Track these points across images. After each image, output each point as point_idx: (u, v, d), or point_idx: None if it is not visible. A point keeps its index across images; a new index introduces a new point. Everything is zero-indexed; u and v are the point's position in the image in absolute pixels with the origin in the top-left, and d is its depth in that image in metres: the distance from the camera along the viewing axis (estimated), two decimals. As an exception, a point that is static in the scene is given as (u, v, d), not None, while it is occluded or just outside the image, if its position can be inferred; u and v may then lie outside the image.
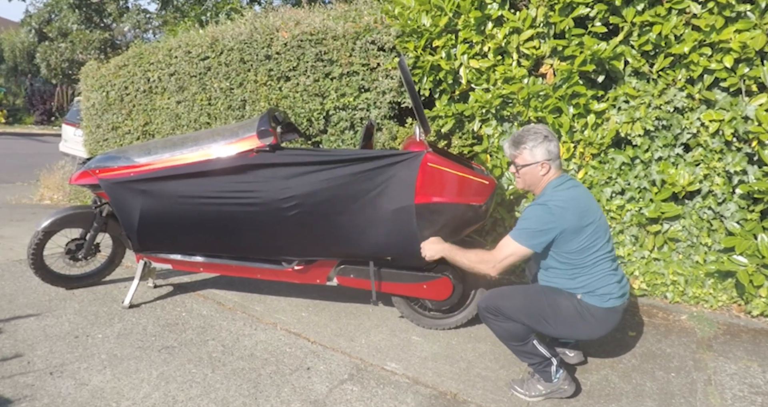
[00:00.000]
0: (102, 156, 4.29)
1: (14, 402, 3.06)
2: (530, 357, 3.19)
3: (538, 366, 3.20)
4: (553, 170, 3.19)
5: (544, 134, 3.15)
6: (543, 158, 3.14)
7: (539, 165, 3.15)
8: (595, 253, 3.07)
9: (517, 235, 3.08)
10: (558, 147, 3.19)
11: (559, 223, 3.00)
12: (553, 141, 3.16)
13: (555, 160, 3.18)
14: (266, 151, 3.76)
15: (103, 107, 8.58)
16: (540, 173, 3.18)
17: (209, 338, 3.92)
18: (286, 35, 5.77)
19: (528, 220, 3.08)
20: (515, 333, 3.16)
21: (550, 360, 3.18)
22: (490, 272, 3.18)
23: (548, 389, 3.21)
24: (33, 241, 4.41)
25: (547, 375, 3.20)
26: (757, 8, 3.94)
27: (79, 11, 20.37)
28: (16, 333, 3.87)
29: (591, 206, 3.11)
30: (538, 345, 3.18)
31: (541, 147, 3.14)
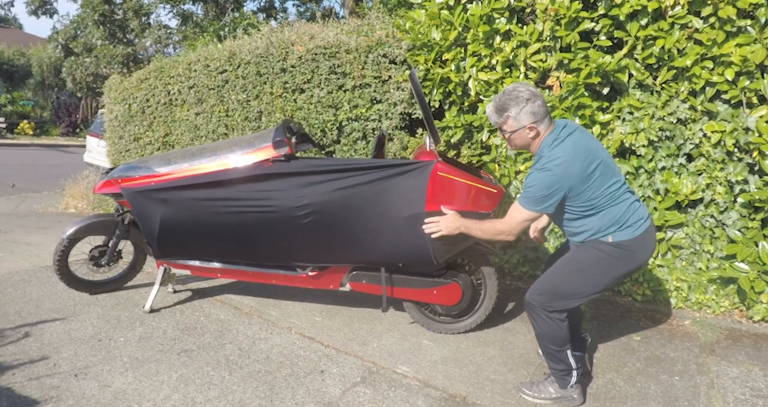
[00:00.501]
0: (124, 166, 4.31)
1: (41, 402, 3.08)
2: (558, 362, 3.14)
3: (559, 373, 3.16)
4: (543, 129, 3.01)
5: (526, 96, 2.95)
6: (529, 122, 2.97)
7: (526, 129, 2.98)
8: (611, 188, 2.95)
9: (525, 202, 2.96)
10: (543, 105, 2.98)
11: (565, 182, 2.86)
12: (536, 100, 2.96)
13: (542, 120, 2.98)
14: (281, 160, 3.77)
15: (125, 119, 8.63)
16: (529, 136, 3.01)
17: (226, 342, 3.92)
18: (301, 49, 5.79)
19: (533, 187, 2.92)
20: (557, 337, 3.09)
21: (574, 371, 3.15)
22: (508, 239, 3.11)
23: (559, 393, 3.19)
24: (58, 248, 4.44)
25: (564, 383, 3.17)
26: (757, 23, 3.94)
27: (104, 27, 20.52)
28: (43, 337, 3.90)
29: (591, 147, 2.96)
30: (570, 355, 3.14)
31: (524, 111, 2.95)
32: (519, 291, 4.97)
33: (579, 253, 3.09)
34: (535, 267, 5.06)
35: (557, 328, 3.07)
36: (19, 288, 4.84)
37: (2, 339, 3.84)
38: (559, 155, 2.89)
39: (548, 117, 3.02)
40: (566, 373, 3.16)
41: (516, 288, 5.04)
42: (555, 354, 3.13)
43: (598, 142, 3.10)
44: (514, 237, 3.09)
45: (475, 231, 3.24)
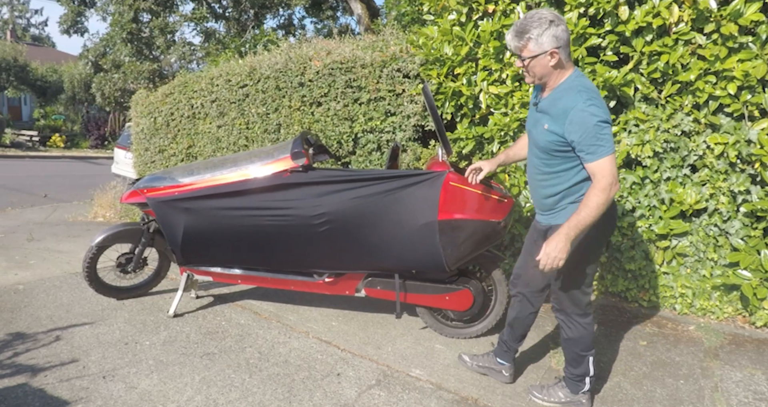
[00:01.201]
0: (149, 176, 4.34)
1: (71, 403, 3.10)
2: (579, 366, 3.09)
3: (575, 377, 3.11)
4: (565, 59, 2.71)
5: (550, 18, 2.63)
6: (551, 46, 2.63)
7: (548, 54, 2.66)
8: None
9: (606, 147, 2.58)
10: (567, 31, 2.67)
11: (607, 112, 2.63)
12: (560, 25, 2.63)
13: (565, 48, 2.67)
14: (299, 171, 3.79)
15: (151, 132, 8.69)
16: (550, 64, 2.69)
17: (247, 345, 3.93)
18: (318, 64, 5.81)
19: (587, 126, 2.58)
20: (586, 341, 3.03)
21: (587, 378, 3.10)
22: (618, 185, 2.62)
23: (568, 398, 3.16)
24: (87, 255, 4.47)
25: (576, 388, 3.14)
26: (758, 40, 3.93)
27: (131, 45, 20.70)
28: (73, 340, 3.92)
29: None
30: (591, 361, 3.08)
31: (547, 34, 2.62)
32: (528, 297, 4.94)
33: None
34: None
35: (588, 333, 3.03)
36: (51, 293, 4.88)
37: (35, 342, 3.87)
38: (588, 84, 2.70)
39: (569, 51, 2.75)
40: (581, 379, 3.11)
41: (525, 295, 5.01)
42: (580, 359, 3.07)
43: None
44: (618, 186, 2.63)
45: (585, 221, 2.62)
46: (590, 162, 2.62)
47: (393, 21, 9.63)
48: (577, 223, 2.61)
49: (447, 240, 3.59)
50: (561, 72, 2.75)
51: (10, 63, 29.56)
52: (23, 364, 3.53)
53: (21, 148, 24.70)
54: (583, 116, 2.58)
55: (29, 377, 3.36)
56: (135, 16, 19.45)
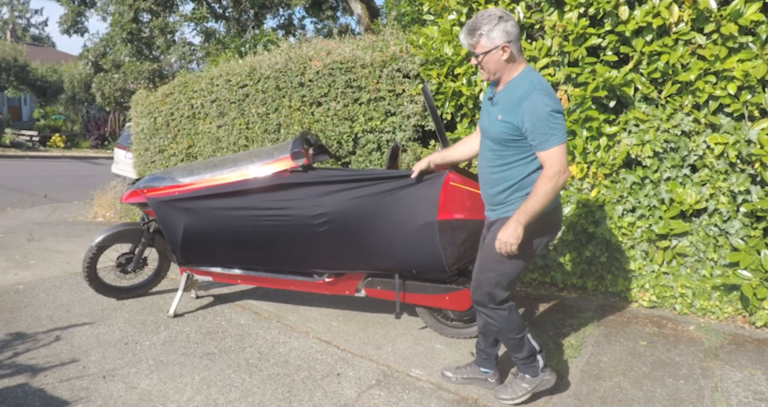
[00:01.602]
0: (149, 177, 4.35)
1: (71, 403, 3.10)
2: (521, 349, 3.09)
3: (527, 360, 3.11)
4: (517, 53, 2.80)
5: (499, 15, 2.74)
6: (503, 41, 2.73)
7: (499, 49, 2.75)
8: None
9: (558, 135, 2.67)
10: (516, 27, 2.76)
11: (561, 108, 2.72)
12: (509, 21, 2.74)
13: (516, 42, 2.77)
14: (299, 171, 3.79)
15: (151, 132, 8.69)
16: (503, 59, 2.78)
17: (247, 345, 3.93)
18: (318, 64, 5.81)
19: (548, 113, 2.66)
20: (514, 324, 3.05)
21: (538, 355, 3.12)
22: (568, 174, 2.76)
23: (533, 384, 3.15)
24: (87, 255, 4.47)
25: (534, 370, 3.13)
26: (758, 40, 3.93)
27: (131, 45, 20.69)
28: (73, 340, 3.92)
29: None
30: (530, 338, 3.11)
31: (497, 29, 2.72)
32: (528, 298, 4.95)
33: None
34: (544, 273, 5.04)
35: (512, 316, 3.05)
36: (51, 293, 4.88)
37: (35, 342, 3.87)
38: (539, 80, 2.77)
39: (520, 45, 2.85)
40: (533, 359, 3.12)
41: (525, 295, 5.02)
42: (519, 342, 3.08)
43: None
44: (568, 174, 2.75)
45: (534, 207, 2.72)
46: (541, 151, 2.73)
47: (393, 21, 9.63)
48: (526, 209, 2.74)
49: (447, 240, 3.59)
50: (513, 66, 2.84)
51: (10, 63, 29.56)
52: (23, 364, 3.53)
53: (21, 148, 24.71)
54: (537, 105, 2.68)
55: (29, 377, 3.36)
56: (135, 16, 19.44)
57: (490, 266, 3.02)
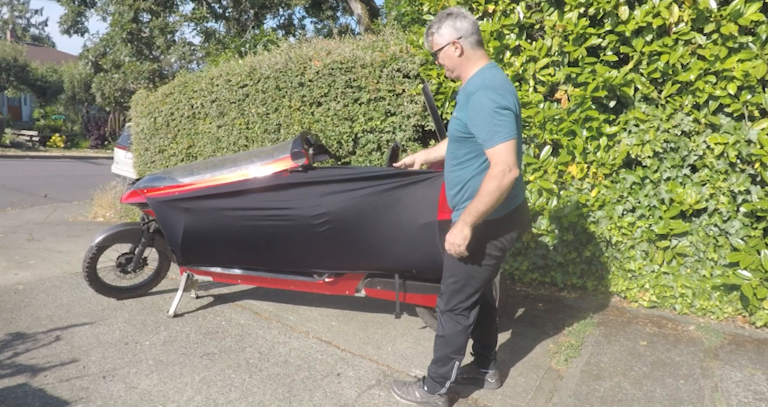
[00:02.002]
0: (149, 177, 4.35)
1: (71, 403, 3.10)
2: (442, 367, 3.04)
3: (437, 377, 3.07)
4: (470, 49, 2.76)
5: (449, 12, 2.76)
6: (452, 37, 2.73)
7: (451, 45, 2.74)
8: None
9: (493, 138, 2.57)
10: (471, 23, 2.74)
11: (508, 104, 2.60)
12: (460, 17, 2.73)
13: (468, 37, 2.73)
14: (299, 171, 3.78)
15: (151, 132, 8.70)
16: (455, 55, 2.76)
17: (247, 345, 3.93)
18: (318, 64, 5.81)
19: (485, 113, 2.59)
20: (457, 343, 2.99)
21: (448, 382, 3.05)
22: (516, 173, 2.57)
23: (425, 398, 3.14)
24: (87, 256, 4.47)
25: (433, 388, 3.09)
26: (758, 40, 3.93)
27: (131, 45, 20.69)
28: (73, 340, 3.92)
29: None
30: (456, 367, 3.03)
31: (446, 26, 2.73)
32: (528, 298, 4.95)
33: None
34: (544, 273, 5.04)
35: (460, 336, 2.99)
36: (51, 293, 4.88)
37: (35, 342, 3.87)
38: (498, 75, 2.72)
39: (477, 39, 2.78)
40: (441, 382, 3.07)
41: (525, 295, 5.02)
42: (446, 361, 3.03)
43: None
44: (518, 170, 2.60)
45: (478, 206, 2.63)
46: (488, 148, 2.61)
47: (393, 21, 9.62)
48: (470, 210, 2.64)
49: (447, 240, 3.58)
50: (471, 63, 2.79)
51: (10, 63, 29.56)
52: (23, 364, 3.53)
53: (21, 148, 24.71)
54: (483, 101, 2.60)
55: (29, 377, 3.36)
56: (135, 16, 19.45)
57: (446, 271, 2.99)
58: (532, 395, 3.33)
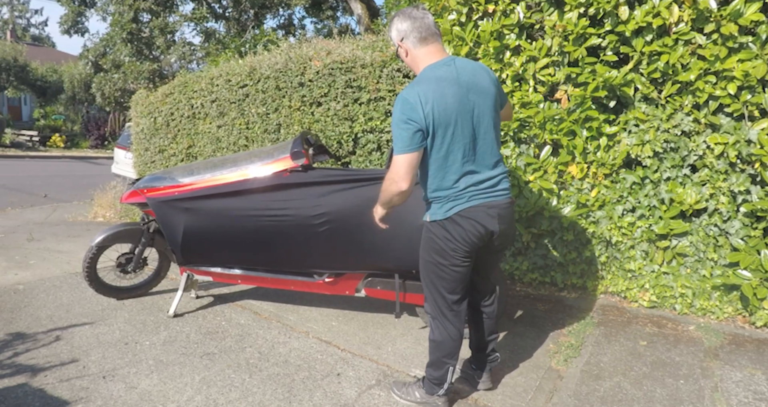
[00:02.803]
0: (149, 177, 4.35)
1: (71, 403, 3.10)
2: (437, 370, 3.03)
3: (434, 379, 3.06)
4: (413, 49, 2.77)
5: (395, 15, 2.80)
6: (397, 39, 2.79)
7: (399, 48, 2.82)
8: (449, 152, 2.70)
9: (395, 142, 2.66)
10: (416, 21, 2.74)
11: (417, 117, 2.60)
12: (400, 18, 2.77)
13: (409, 37, 2.75)
14: (299, 170, 3.79)
15: (151, 132, 8.69)
16: (405, 56, 2.82)
17: (247, 345, 3.93)
18: (318, 64, 5.81)
19: (392, 125, 2.68)
20: (448, 347, 2.98)
21: (445, 384, 3.04)
22: (401, 187, 2.67)
23: (424, 399, 3.13)
24: (87, 255, 4.47)
25: (431, 389, 3.08)
26: (758, 40, 3.92)
27: (131, 45, 20.71)
28: (73, 340, 3.92)
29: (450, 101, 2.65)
30: (451, 371, 3.02)
31: (392, 29, 2.80)
32: (528, 298, 4.95)
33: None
34: (545, 274, 5.04)
35: (452, 342, 2.97)
36: (51, 293, 4.88)
37: (35, 342, 3.87)
38: (414, 84, 2.68)
39: (423, 42, 2.76)
40: (438, 383, 3.06)
41: (525, 295, 5.02)
42: (441, 365, 3.01)
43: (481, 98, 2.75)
44: (406, 185, 2.66)
45: (380, 198, 2.90)
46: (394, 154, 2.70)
47: (393, 21, 9.61)
48: (379, 203, 2.96)
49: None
50: (417, 63, 2.80)
51: (10, 63, 29.57)
52: (23, 364, 3.53)
53: (21, 148, 24.72)
54: (394, 111, 2.69)
55: (29, 377, 3.36)
56: (135, 16, 19.47)
57: (420, 273, 3.05)
58: (532, 395, 3.33)
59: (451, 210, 2.77)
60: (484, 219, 2.78)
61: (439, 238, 2.82)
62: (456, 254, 2.82)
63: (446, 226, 2.79)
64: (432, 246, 2.87)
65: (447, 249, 2.82)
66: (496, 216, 2.82)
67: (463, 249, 2.81)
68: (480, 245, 2.85)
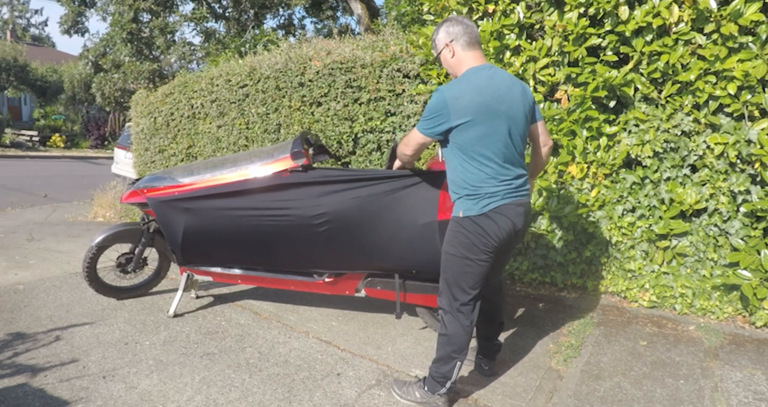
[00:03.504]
0: (149, 177, 4.34)
1: (71, 403, 3.10)
2: (444, 366, 3.04)
3: (439, 376, 3.07)
4: (461, 51, 2.95)
5: (445, 19, 3.00)
6: (446, 40, 2.96)
7: (445, 48, 2.98)
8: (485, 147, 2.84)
9: (418, 123, 2.94)
10: (464, 27, 2.94)
11: (450, 112, 2.79)
12: (453, 22, 2.96)
13: (459, 39, 2.93)
14: (299, 170, 3.79)
15: (151, 132, 8.70)
16: (449, 57, 2.99)
17: (247, 345, 3.93)
18: (318, 64, 5.82)
19: (427, 105, 2.89)
20: (459, 342, 3.01)
21: (449, 383, 3.05)
22: (406, 153, 3.12)
23: (425, 398, 3.14)
24: (87, 255, 4.47)
25: (434, 388, 3.09)
26: (758, 40, 3.92)
27: (131, 45, 20.70)
28: (73, 340, 3.92)
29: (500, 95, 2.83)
30: (458, 367, 3.04)
31: (441, 31, 2.98)
32: (528, 298, 4.95)
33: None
34: (544, 274, 5.04)
35: (463, 335, 3.00)
36: (51, 293, 4.88)
37: (35, 342, 3.87)
38: (460, 87, 2.82)
39: (468, 41, 2.94)
40: (442, 381, 3.07)
41: (525, 295, 5.02)
42: (449, 360, 3.03)
43: (517, 101, 2.91)
44: (410, 153, 3.11)
45: (398, 157, 3.31)
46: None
47: (393, 21, 9.63)
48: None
49: (447, 241, 3.58)
50: (460, 66, 2.97)
51: (10, 63, 29.55)
52: (23, 364, 3.53)
53: (21, 148, 24.70)
54: (431, 100, 2.87)
55: (29, 377, 3.36)
56: (135, 16, 19.46)
57: (441, 268, 3.09)
58: (532, 395, 3.33)
59: (487, 206, 2.86)
60: (514, 216, 2.92)
61: (471, 234, 2.90)
62: (486, 249, 2.91)
63: (480, 222, 2.88)
64: (461, 242, 2.93)
65: (478, 245, 2.90)
66: (523, 213, 2.98)
67: (492, 245, 2.91)
68: (507, 241, 2.96)
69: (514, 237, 3.01)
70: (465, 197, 2.91)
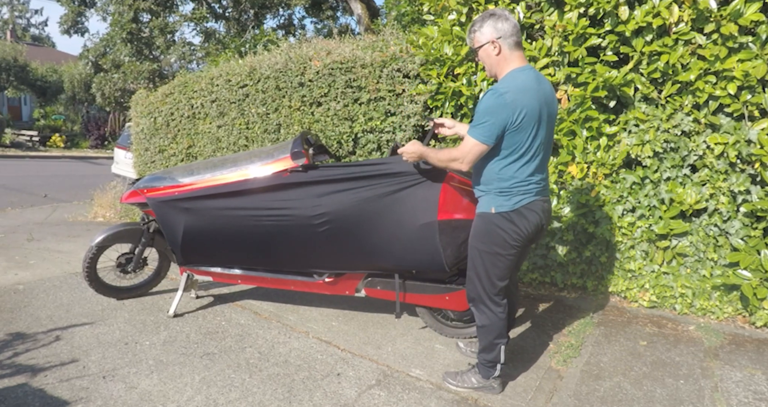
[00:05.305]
0: (149, 177, 4.35)
1: (71, 403, 3.10)
2: (490, 353, 3.21)
3: (488, 363, 3.24)
4: (507, 50, 2.91)
5: (491, 13, 2.92)
6: (492, 36, 2.89)
7: (490, 44, 2.91)
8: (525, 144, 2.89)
9: (473, 130, 2.86)
10: (513, 26, 2.89)
11: (506, 113, 2.79)
12: (501, 19, 2.89)
13: (508, 38, 2.89)
14: (299, 170, 3.79)
15: (151, 132, 8.69)
16: (493, 53, 2.93)
17: (247, 345, 3.93)
18: (318, 64, 5.81)
19: (479, 113, 2.84)
20: (497, 328, 3.16)
21: (499, 365, 3.22)
22: (461, 167, 2.97)
23: (481, 384, 3.30)
24: (87, 256, 4.47)
25: (487, 373, 3.27)
26: (758, 40, 3.93)
27: (131, 45, 20.69)
28: (73, 340, 3.92)
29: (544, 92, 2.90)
30: (503, 350, 3.20)
31: (487, 25, 2.90)
32: (528, 298, 4.95)
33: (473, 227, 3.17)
34: (544, 273, 5.04)
35: (499, 321, 3.15)
36: (51, 293, 4.88)
37: (35, 342, 3.87)
38: (511, 83, 2.85)
39: (517, 46, 2.93)
40: (492, 365, 3.24)
41: (525, 295, 5.02)
42: (492, 347, 3.20)
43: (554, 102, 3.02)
44: (467, 166, 2.96)
45: (432, 158, 3.11)
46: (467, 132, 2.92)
47: (393, 21, 9.63)
48: (428, 153, 3.13)
49: (447, 241, 3.58)
50: (505, 64, 2.96)
51: (10, 63, 29.54)
52: (23, 364, 3.53)
53: (21, 148, 24.69)
54: (487, 98, 2.84)
55: (29, 377, 3.36)
56: (135, 16, 19.45)
57: (469, 262, 3.21)
58: (532, 395, 3.33)
59: (520, 202, 2.96)
60: (542, 212, 3.04)
61: (503, 229, 2.99)
62: (516, 244, 3.01)
63: (512, 218, 2.97)
64: (492, 238, 3.03)
65: (509, 240, 2.99)
66: (548, 210, 3.14)
67: (522, 240, 3.01)
68: (533, 236, 3.07)
69: (539, 233, 3.12)
70: (496, 194, 2.98)
